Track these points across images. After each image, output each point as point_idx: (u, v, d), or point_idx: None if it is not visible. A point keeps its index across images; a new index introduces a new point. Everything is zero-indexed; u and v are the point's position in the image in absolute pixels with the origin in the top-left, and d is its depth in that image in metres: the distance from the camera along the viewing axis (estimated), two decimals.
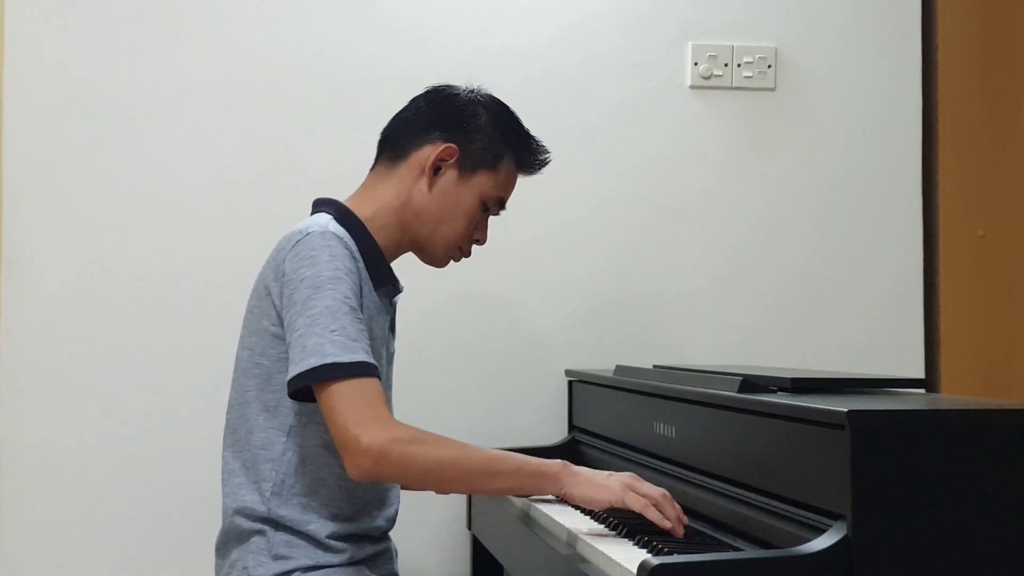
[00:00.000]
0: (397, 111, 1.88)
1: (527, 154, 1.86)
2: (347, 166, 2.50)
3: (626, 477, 1.64)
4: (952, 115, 2.68)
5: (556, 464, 1.66)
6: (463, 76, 2.55)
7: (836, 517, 1.31)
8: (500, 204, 1.86)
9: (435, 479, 1.62)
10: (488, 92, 1.88)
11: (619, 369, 2.22)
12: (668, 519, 1.58)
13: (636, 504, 1.59)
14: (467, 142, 1.80)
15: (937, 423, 1.33)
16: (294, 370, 1.58)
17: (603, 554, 1.48)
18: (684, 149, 2.62)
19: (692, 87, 2.62)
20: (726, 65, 2.61)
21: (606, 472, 1.68)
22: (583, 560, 1.54)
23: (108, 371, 2.42)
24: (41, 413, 2.41)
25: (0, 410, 2.40)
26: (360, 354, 1.57)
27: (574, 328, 2.57)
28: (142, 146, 2.46)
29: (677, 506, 1.61)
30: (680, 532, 1.58)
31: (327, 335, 1.57)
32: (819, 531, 1.32)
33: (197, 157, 2.47)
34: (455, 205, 1.80)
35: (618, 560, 1.42)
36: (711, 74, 2.61)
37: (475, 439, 2.44)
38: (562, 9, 2.59)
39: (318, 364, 1.55)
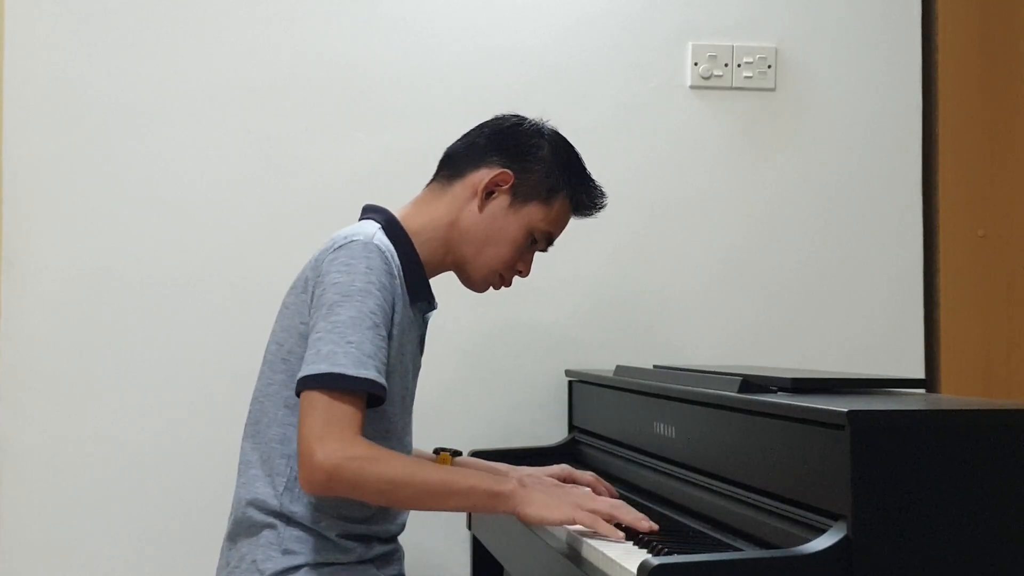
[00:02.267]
0: (464, 132, 1.89)
1: (583, 195, 1.85)
2: (348, 166, 2.52)
3: (575, 495, 1.65)
4: (952, 115, 2.68)
5: (510, 483, 1.63)
6: (463, 76, 2.57)
7: (836, 517, 1.31)
8: (548, 240, 1.86)
9: (389, 497, 1.62)
10: (554, 128, 1.88)
11: (619, 369, 2.22)
12: (628, 523, 1.58)
13: (586, 520, 1.59)
14: (524, 171, 1.80)
15: (937, 423, 1.33)
16: (304, 371, 1.58)
17: (603, 554, 1.48)
18: (684, 149, 2.62)
19: (692, 87, 2.62)
20: (726, 65, 2.61)
21: (559, 488, 1.69)
22: (583, 560, 1.54)
23: (108, 371, 2.42)
24: (41, 413, 2.41)
25: (0, 410, 2.40)
26: (371, 371, 1.58)
27: (574, 328, 2.57)
28: (142, 146, 2.46)
29: (634, 513, 1.60)
30: (644, 527, 1.57)
31: (343, 344, 1.57)
32: (819, 531, 1.32)
33: (197, 157, 2.47)
34: (502, 231, 1.80)
35: (618, 560, 1.42)
36: (711, 74, 2.61)
37: (475, 439, 2.46)
38: (562, 9, 2.59)
39: (327, 371, 1.56)
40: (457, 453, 2.05)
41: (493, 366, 2.54)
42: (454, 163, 1.84)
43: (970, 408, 1.38)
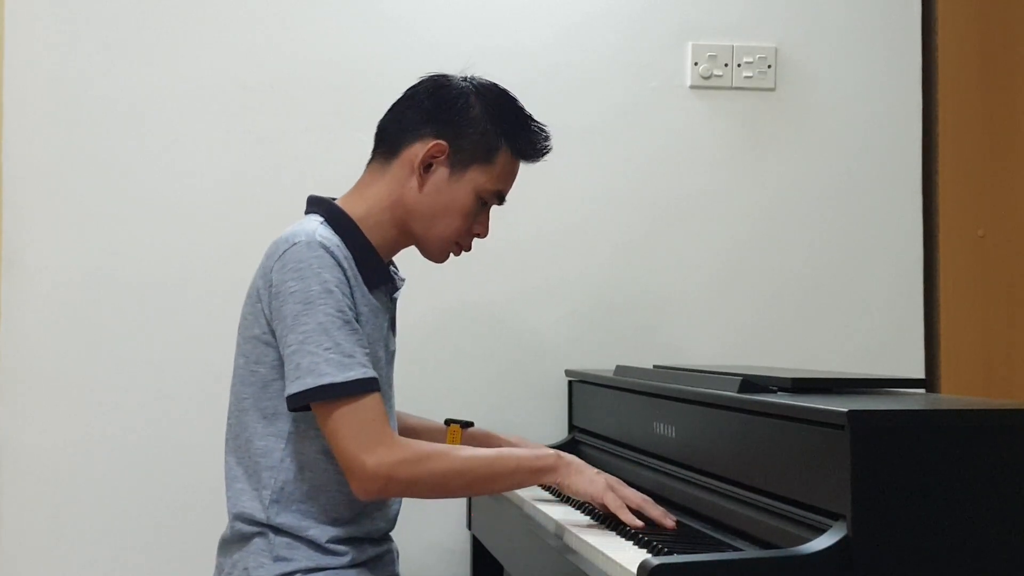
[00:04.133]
0: (394, 101, 1.84)
1: (525, 143, 1.79)
2: (348, 167, 2.50)
3: (610, 478, 1.70)
4: (952, 115, 2.68)
5: (551, 456, 1.69)
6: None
7: (836, 517, 1.31)
8: (499, 197, 1.81)
9: (440, 492, 1.68)
10: (485, 79, 1.83)
11: (619, 369, 2.22)
12: (650, 517, 1.63)
13: (612, 504, 1.65)
14: (458, 137, 1.75)
15: (937, 423, 1.33)
16: (291, 388, 1.58)
17: (603, 554, 1.48)
18: (684, 149, 2.62)
19: (692, 87, 2.62)
20: (726, 65, 2.61)
21: (595, 469, 1.72)
22: (583, 560, 1.54)
23: (108, 371, 2.42)
24: (41, 413, 2.41)
25: (0, 410, 2.40)
26: (356, 370, 1.57)
27: (574, 328, 2.57)
28: (142, 146, 2.46)
29: (661, 509, 1.65)
30: (669, 524, 1.62)
31: (321, 353, 1.57)
32: (819, 531, 1.32)
33: (197, 157, 2.47)
34: (448, 202, 1.75)
35: (618, 560, 1.42)
36: (711, 74, 2.61)
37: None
38: (562, 9, 2.59)
39: (315, 385, 1.56)
40: (468, 424, 2.05)
41: (493, 366, 2.54)
42: (388, 139, 1.80)
43: (970, 408, 1.38)
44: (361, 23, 2.52)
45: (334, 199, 1.79)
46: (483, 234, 1.82)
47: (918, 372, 2.61)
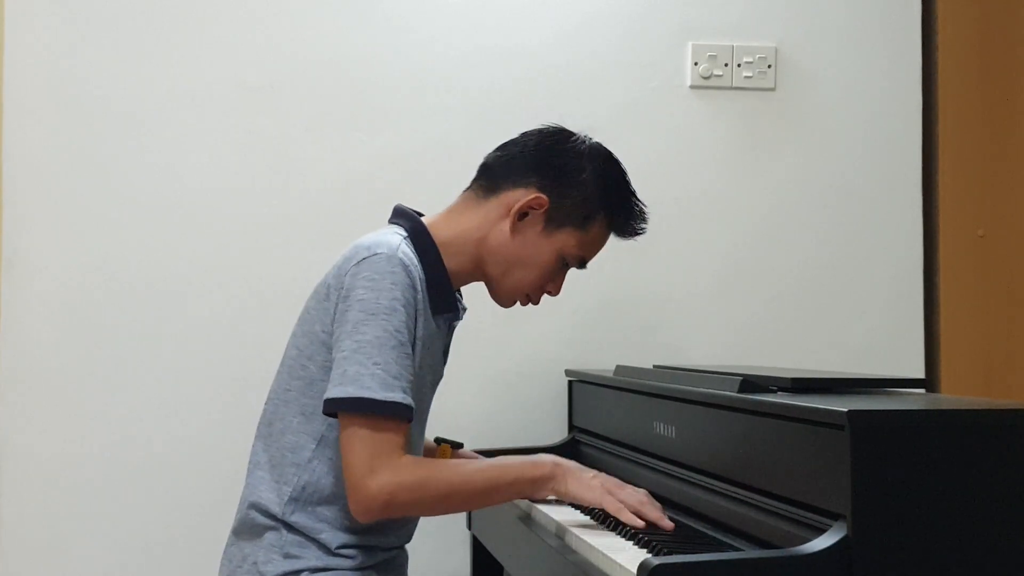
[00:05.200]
0: (506, 140, 1.83)
1: (622, 220, 1.80)
2: (349, 167, 2.52)
3: (608, 481, 1.69)
4: (952, 115, 2.68)
5: (548, 464, 1.68)
6: (463, 76, 2.57)
7: (836, 517, 1.31)
8: (581, 262, 1.81)
9: (443, 509, 1.71)
10: (602, 145, 1.82)
11: (619, 369, 2.22)
12: (649, 519, 1.62)
13: (612, 508, 1.64)
14: (561, 196, 1.75)
15: (937, 423, 1.33)
16: (331, 393, 1.58)
17: (603, 554, 1.48)
18: (684, 149, 2.62)
19: (692, 87, 2.62)
20: (726, 65, 2.61)
21: (592, 472, 1.71)
22: (583, 560, 1.54)
23: (108, 371, 2.42)
24: (41, 413, 2.41)
25: (0, 410, 2.40)
26: (397, 393, 1.57)
27: (574, 328, 2.57)
28: (143, 146, 2.46)
29: (658, 511, 1.65)
30: (667, 525, 1.62)
31: (369, 366, 1.57)
32: (819, 531, 1.32)
33: (197, 157, 2.47)
34: (532, 255, 1.76)
35: (618, 560, 1.42)
36: (711, 74, 2.61)
37: (475, 439, 2.46)
38: (562, 9, 2.59)
39: (355, 395, 1.56)
40: (458, 445, 2.04)
41: (493, 366, 2.54)
42: (491, 175, 1.79)
43: (970, 408, 1.38)
44: (361, 23, 2.53)
45: (421, 215, 1.78)
46: (554, 293, 1.84)
47: (918, 372, 2.61)
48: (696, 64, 2.61)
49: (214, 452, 2.40)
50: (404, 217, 1.77)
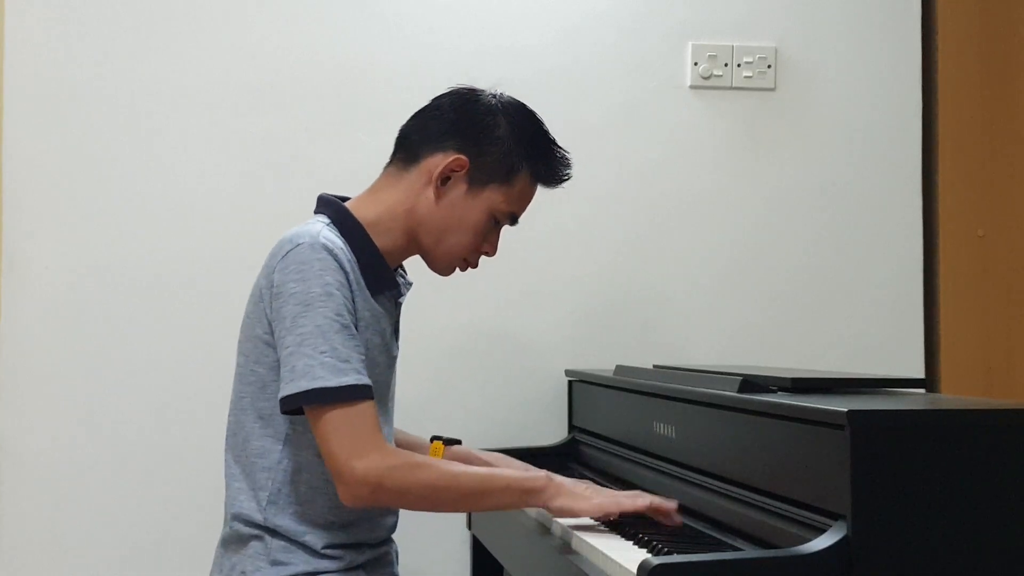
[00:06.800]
0: (419, 108, 1.82)
1: (546, 168, 1.77)
2: (349, 167, 2.50)
3: (603, 492, 1.68)
4: (952, 115, 2.68)
5: (540, 479, 1.66)
6: (463, 76, 2.56)
7: (836, 517, 1.31)
8: (512, 218, 1.79)
9: (429, 504, 1.66)
10: (513, 98, 1.80)
11: (619, 369, 2.22)
12: (649, 506, 1.63)
13: (610, 506, 1.64)
14: (480, 154, 1.72)
15: (937, 423, 1.33)
16: (284, 391, 1.58)
17: (603, 554, 1.48)
18: (684, 149, 2.62)
19: (692, 87, 2.62)
20: (726, 65, 2.61)
21: (584, 484, 1.70)
22: (583, 560, 1.54)
23: (108, 371, 2.42)
24: (41, 413, 2.41)
25: (0, 410, 2.40)
26: (351, 376, 1.56)
27: (574, 328, 2.57)
28: (143, 146, 2.46)
29: (670, 505, 1.65)
30: (670, 507, 1.63)
31: (317, 356, 1.56)
32: (819, 531, 1.32)
33: (197, 157, 2.47)
34: (461, 218, 1.74)
35: (618, 560, 1.42)
36: (711, 74, 2.61)
37: (475, 439, 2.46)
38: (562, 9, 2.59)
39: (308, 388, 1.55)
40: (454, 442, 2.03)
41: (494, 366, 2.54)
42: (408, 145, 1.77)
43: (970, 408, 1.38)
44: (362, 24, 2.53)
45: (346, 199, 1.78)
46: (491, 253, 1.81)
47: (918, 372, 2.61)
48: (696, 64, 2.61)
49: (214, 452, 2.39)
50: (326, 205, 1.75)
